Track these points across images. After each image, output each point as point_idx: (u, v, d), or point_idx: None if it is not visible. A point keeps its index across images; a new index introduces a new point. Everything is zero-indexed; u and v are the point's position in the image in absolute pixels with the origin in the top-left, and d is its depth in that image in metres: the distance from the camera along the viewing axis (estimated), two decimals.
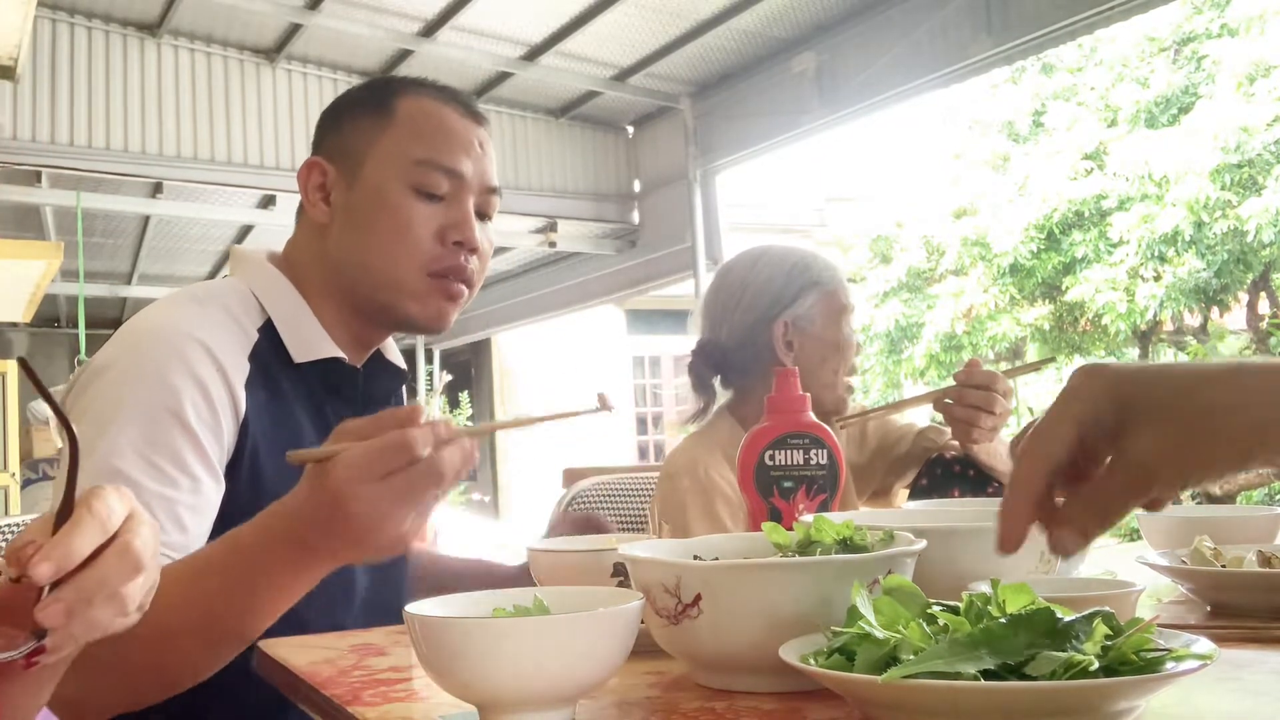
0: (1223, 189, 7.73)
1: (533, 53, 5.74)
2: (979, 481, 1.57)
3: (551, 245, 7.19)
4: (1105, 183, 8.51)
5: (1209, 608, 1.00)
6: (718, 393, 1.75)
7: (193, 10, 5.25)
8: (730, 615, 0.73)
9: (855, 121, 5.49)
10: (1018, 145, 9.53)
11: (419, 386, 10.60)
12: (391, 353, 1.34)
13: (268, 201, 6.34)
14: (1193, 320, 9.29)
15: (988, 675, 0.57)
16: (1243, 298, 8.77)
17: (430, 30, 5.46)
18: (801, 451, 1.12)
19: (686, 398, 1.76)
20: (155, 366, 1.06)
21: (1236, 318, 9.24)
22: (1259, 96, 7.76)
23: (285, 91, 5.85)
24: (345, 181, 1.21)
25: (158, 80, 5.48)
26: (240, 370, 1.11)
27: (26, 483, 6.17)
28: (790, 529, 0.85)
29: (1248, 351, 9.10)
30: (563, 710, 0.70)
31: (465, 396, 12.15)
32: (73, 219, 5.82)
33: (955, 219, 9.40)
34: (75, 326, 5.89)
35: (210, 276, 8.64)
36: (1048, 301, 9.25)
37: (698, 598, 0.73)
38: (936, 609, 0.66)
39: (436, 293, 1.21)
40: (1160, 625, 0.62)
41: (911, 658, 0.59)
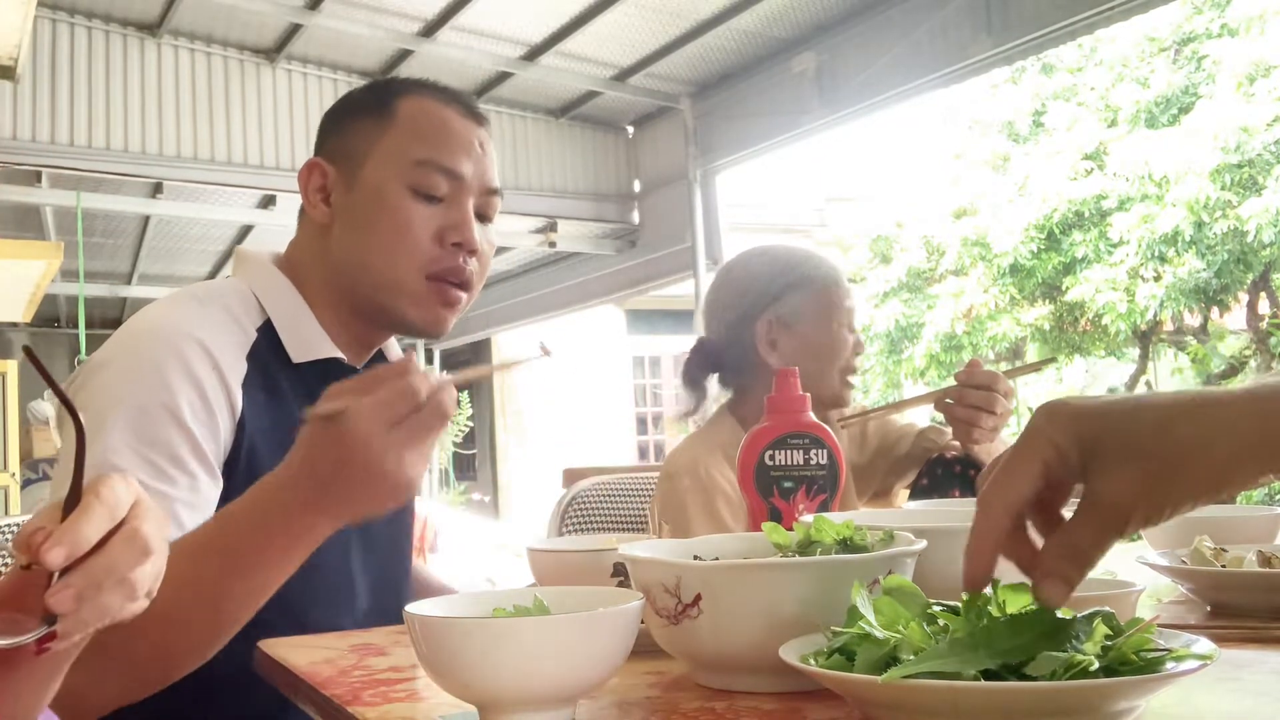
0: (1223, 189, 7.72)
1: (533, 53, 5.74)
2: None
3: (551, 245, 7.19)
4: (1105, 183, 8.49)
5: (1209, 608, 1.00)
6: (709, 392, 1.75)
7: (193, 10, 5.25)
8: (730, 615, 0.73)
9: (855, 121, 5.49)
10: (1018, 145, 9.52)
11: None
12: (393, 353, 1.34)
13: (268, 201, 6.34)
14: (1193, 320, 9.28)
15: (988, 675, 0.57)
16: (1243, 298, 8.75)
17: (430, 30, 5.47)
18: (801, 451, 1.12)
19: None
20: (152, 364, 1.06)
21: (1236, 318, 9.23)
22: (1259, 96, 7.75)
23: (285, 91, 5.85)
24: (345, 182, 1.21)
25: (158, 80, 5.48)
26: (237, 369, 1.11)
27: (26, 483, 6.18)
28: (790, 529, 0.85)
29: (1248, 351, 9.11)
30: (563, 710, 0.70)
31: (465, 396, 12.15)
32: (73, 219, 5.82)
33: (955, 219, 9.39)
34: (75, 326, 5.89)
35: (210, 276, 8.63)
36: (1048, 301, 9.24)
37: (698, 598, 0.73)
38: (936, 609, 0.66)
39: (434, 297, 1.20)
40: (1160, 625, 0.62)
41: (911, 658, 0.59)
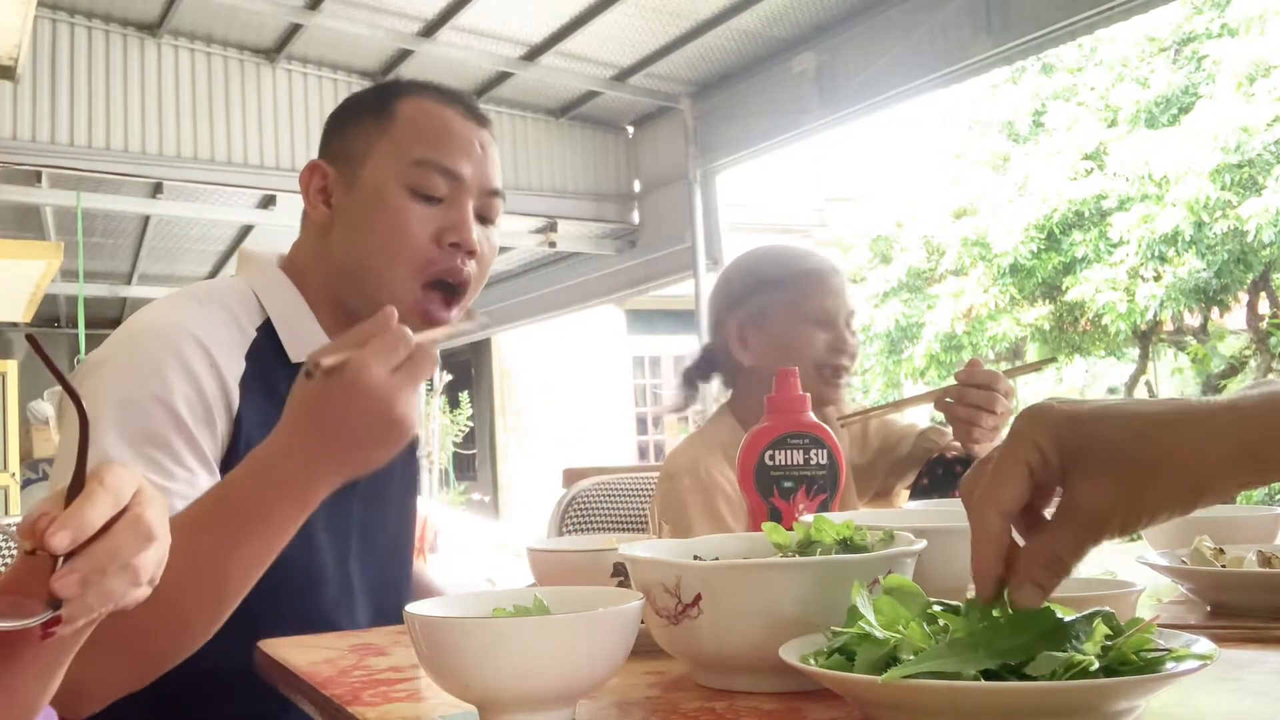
0: (1223, 189, 7.73)
1: (533, 53, 5.74)
2: None
3: (551, 245, 7.18)
4: (1105, 183, 8.50)
5: (1209, 608, 1.00)
6: (702, 392, 1.76)
7: (193, 10, 5.24)
8: (730, 615, 0.73)
9: (855, 121, 5.49)
10: (1018, 145, 9.52)
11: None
12: None
13: (268, 201, 6.34)
14: (1193, 320, 9.29)
15: (988, 675, 0.57)
16: (1243, 298, 8.76)
17: (430, 30, 5.46)
18: (801, 451, 1.12)
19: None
20: (150, 362, 1.06)
21: (1236, 318, 9.23)
22: (1259, 96, 7.75)
23: (285, 91, 5.85)
24: (345, 183, 1.21)
25: (158, 80, 5.48)
26: (235, 367, 1.11)
27: (26, 483, 6.17)
28: (790, 529, 0.85)
29: (1248, 351, 9.10)
30: (563, 710, 0.70)
31: (465, 396, 12.15)
32: (73, 219, 5.82)
33: (955, 219, 9.39)
34: (75, 326, 5.89)
35: (210, 276, 8.63)
36: (1048, 301, 9.24)
37: (698, 598, 0.73)
38: (937, 609, 0.66)
39: (427, 307, 1.18)
40: (1160, 625, 0.62)
41: (911, 658, 0.59)
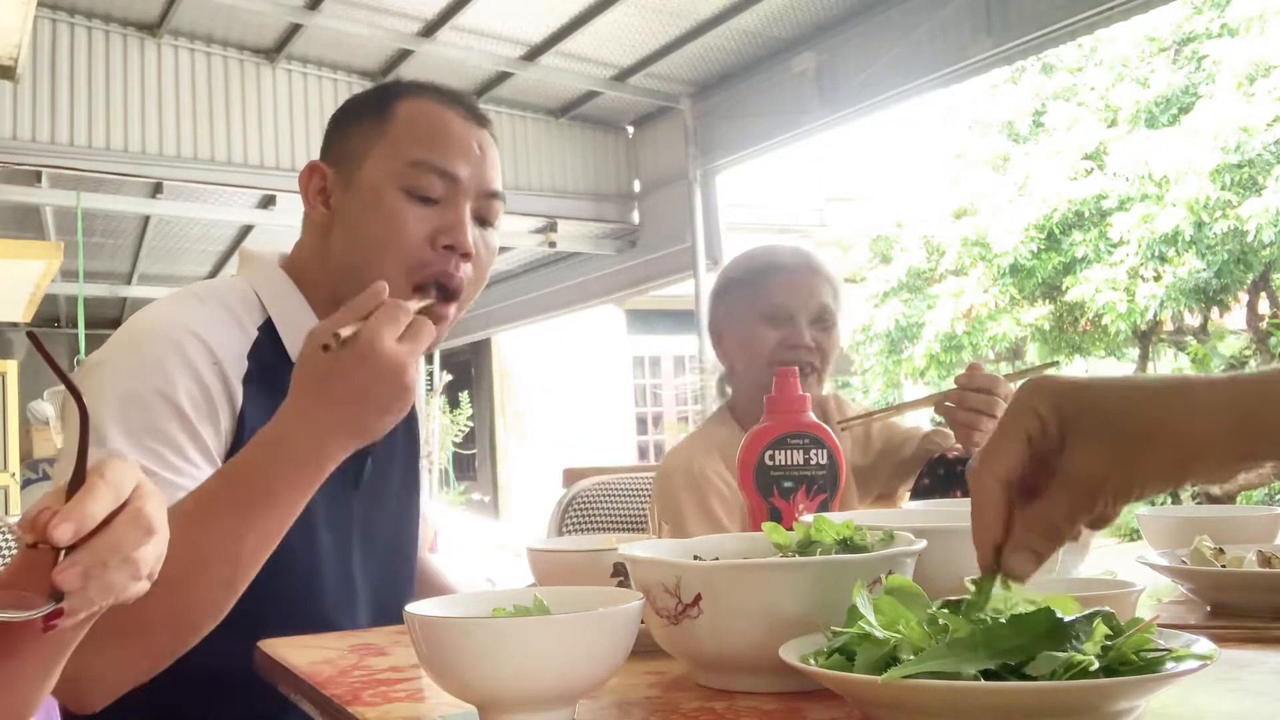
0: (1223, 189, 7.73)
1: (533, 53, 5.74)
2: None
3: (551, 245, 7.19)
4: (1105, 183, 8.50)
5: (1209, 608, 1.00)
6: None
7: (193, 10, 5.24)
8: (730, 615, 0.73)
9: (855, 121, 5.50)
10: (1018, 145, 9.52)
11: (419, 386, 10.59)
12: None
13: (268, 201, 6.33)
14: (1193, 320, 9.28)
15: (988, 675, 0.57)
16: (1243, 298, 8.76)
17: (430, 30, 5.46)
18: (801, 451, 1.12)
19: (687, 398, 1.78)
20: (153, 359, 1.06)
21: (1236, 318, 9.23)
22: (1259, 96, 7.75)
23: (285, 91, 5.85)
24: (343, 183, 1.21)
25: (158, 80, 5.48)
26: (238, 366, 1.12)
27: (26, 483, 6.17)
28: (790, 529, 0.85)
29: (1248, 351, 9.10)
30: (563, 710, 0.70)
31: (465, 396, 12.15)
32: (73, 219, 5.82)
33: (955, 219, 9.40)
34: (75, 326, 5.89)
35: (210, 276, 8.63)
36: (1048, 301, 9.24)
37: (698, 598, 0.73)
38: (937, 608, 0.65)
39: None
40: (1160, 625, 0.62)
41: (911, 658, 0.59)
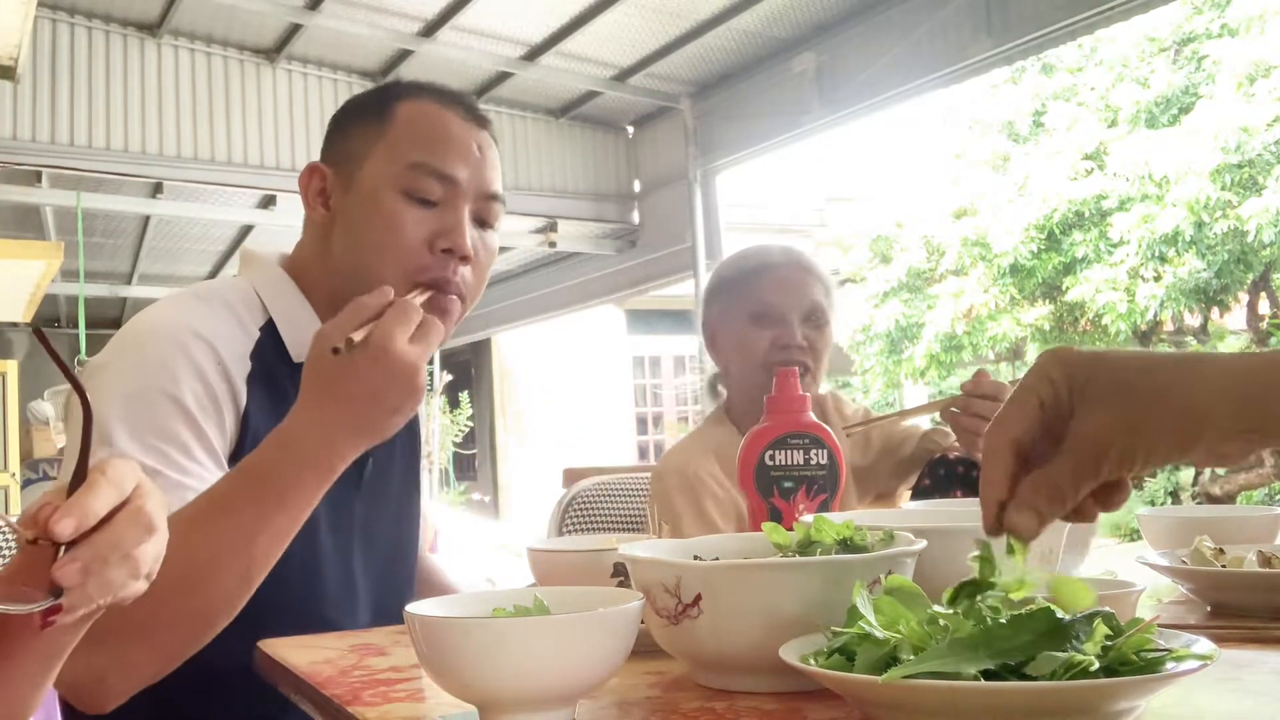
0: (1223, 189, 7.72)
1: (533, 53, 5.74)
2: None
3: (551, 245, 7.19)
4: (1105, 183, 8.49)
5: (1209, 608, 1.00)
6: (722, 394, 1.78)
7: (193, 10, 5.25)
8: (730, 615, 0.73)
9: (855, 121, 5.50)
10: (1018, 145, 9.52)
11: None
12: None
13: (268, 201, 6.33)
14: (1193, 320, 9.28)
15: (988, 675, 0.57)
16: (1243, 298, 8.75)
17: (430, 30, 5.46)
18: (801, 451, 1.12)
19: (687, 398, 1.78)
20: (156, 358, 1.06)
21: (1236, 318, 9.22)
22: (1259, 96, 7.74)
23: (285, 91, 5.85)
24: (343, 185, 1.20)
25: (158, 80, 5.48)
26: (242, 366, 1.11)
27: (26, 483, 6.17)
28: (790, 529, 0.85)
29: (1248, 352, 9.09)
30: (563, 710, 0.70)
31: (465, 396, 12.15)
32: (73, 219, 5.82)
33: (955, 219, 9.39)
34: (75, 326, 5.89)
35: (210, 276, 8.63)
36: (1048, 301, 9.23)
37: (698, 598, 0.73)
38: (953, 590, 0.65)
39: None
40: (1160, 625, 0.62)
41: (911, 658, 0.59)
